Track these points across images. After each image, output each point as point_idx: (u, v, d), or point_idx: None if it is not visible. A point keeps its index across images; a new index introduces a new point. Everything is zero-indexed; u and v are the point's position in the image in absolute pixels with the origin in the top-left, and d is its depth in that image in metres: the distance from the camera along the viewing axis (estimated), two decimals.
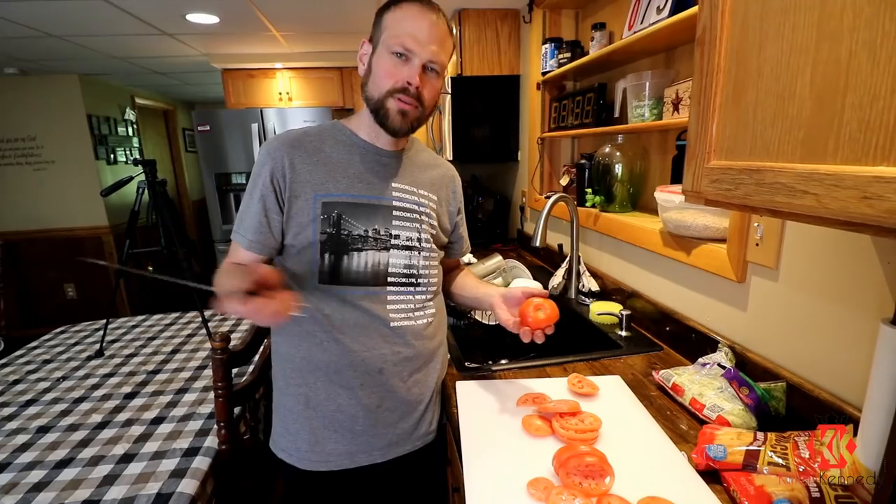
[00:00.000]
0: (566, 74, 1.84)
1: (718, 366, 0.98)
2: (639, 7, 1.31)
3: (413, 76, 0.86)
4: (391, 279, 0.94)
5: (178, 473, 1.34)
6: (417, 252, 0.97)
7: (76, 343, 2.37)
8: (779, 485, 0.67)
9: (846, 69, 0.42)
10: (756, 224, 0.96)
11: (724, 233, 1.07)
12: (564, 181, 1.98)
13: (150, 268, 4.45)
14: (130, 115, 4.48)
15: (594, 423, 0.86)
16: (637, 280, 1.46)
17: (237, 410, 1.33)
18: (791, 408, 0.87)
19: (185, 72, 3.96)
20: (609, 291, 1.59)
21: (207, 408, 1.69)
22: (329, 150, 0.93)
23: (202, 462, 1.39)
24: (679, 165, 1.30)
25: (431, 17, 0.86)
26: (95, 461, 1.42)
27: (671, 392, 0.99)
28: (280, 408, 1.00)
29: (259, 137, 3.33)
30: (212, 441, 1.48)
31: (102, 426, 1.61)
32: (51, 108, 3.74)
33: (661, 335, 1.28)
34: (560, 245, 1.95)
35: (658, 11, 1.20)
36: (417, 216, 0.97)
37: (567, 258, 1.67)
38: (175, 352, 2.21)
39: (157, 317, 2.70)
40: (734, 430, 0.80)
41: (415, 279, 0.97)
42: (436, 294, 1.05)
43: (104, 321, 2.42)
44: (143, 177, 2.41)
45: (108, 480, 1.33)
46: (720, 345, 1.05)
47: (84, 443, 1.52)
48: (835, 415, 0.79)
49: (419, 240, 0.97)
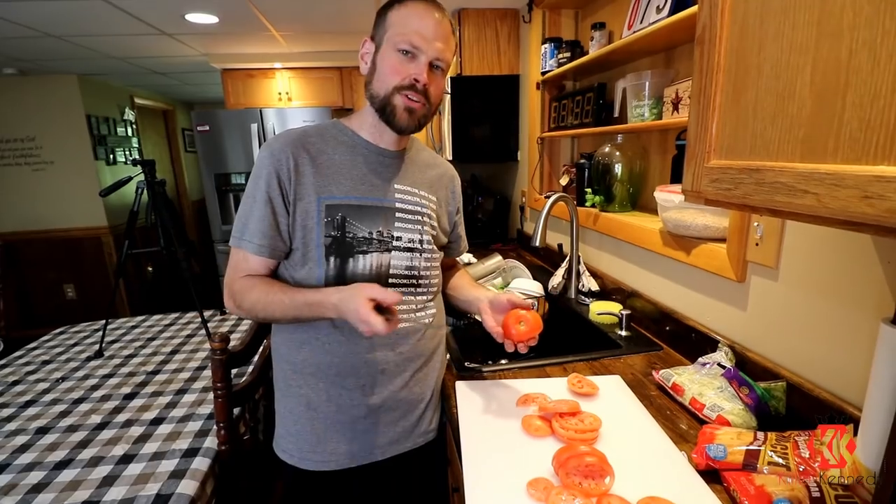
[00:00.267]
0: (566, 74, 1.84)
1: (718, 365, 0.98)
2: (638, 6, 1.31)
3: (420, 73, 0.85)
4: (392, 280, 0.94)
5: (178, 474, 1.34)
6: (419, 253, 0.97)
7: (75, 344, 2.37)
8: (779, 484, 0.67)
9: (846, 68, 0.42)
10: (756, 223, 0.96)
11: (724, 232, 1.07)
12: (564, 181, 1.98)
13: (150, 269, 4.45)
14: (130, 116, 4.47)
15: (594, 423, 0.85)
16: (637, 280, 1.46)
17: (237, 411, 1.33)
18: (791, 407, 0.87)
19: (185, 72, 3.95)
20: (609, 291, 1.59)
21: (207, 408, 1.68)
22: (331, 152, 0.92)
23: (202, 463, 1.39)
24: (679, 165, 1.29)
25: (436, 15, 0.86)
26: (95, 462, 1.42)
27: (671, 392, 0.99)
28: (281, 409, 1.00)
29: (258, 138, 3.32)
30: (211, 442, 1.48)
31: (102, 427, 1.61)
32: (50, 109, 3.73)
33: (661, 335, 1.28)
34: (560, 245, 1.95)
35: (658, 11, 1.20)
36: (419, 217, 0.97)
37: (567, 258, 1.67)
38: (174, 352, 2.21)
39: (157, 317, 2.70)
40: (734, 430, 0.80)
41: (416, 280, 0.97)
42: (436, 294, 1.05)
43: (103, 322, 2.42)
44: (143, 177, 2.40)
45: (108, 481, 1.33)
46: (720, 344, 1.05)
47: (83, 444, 1.51)
48: (835, 414, 0.79)
49: (421, 241, 0.97)
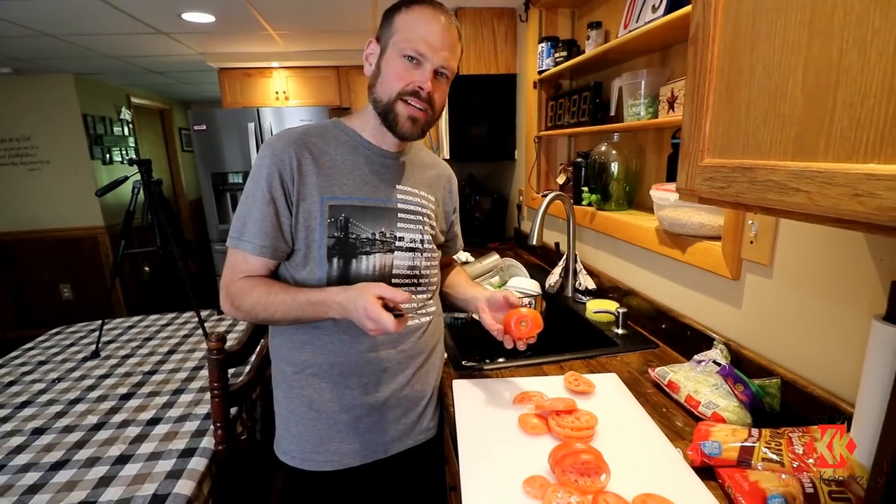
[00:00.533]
0: (562, 73, 1.84)
1: (714, 363, 0.99)
2: (634, 6, 1.32)
3: (425, 81, 0.85)
4: (395, 280, 0.94)
5: (175, 474, 1.34)
6: (420, 253, 0.97)
7: (72, 344, 2.36)
8: (773, 480, 0.67)
9: (837, 67, 0.42)
10: (750, 222, 0.96)
11: (719, 230, 1.07)
12: (561, 180, 1.98)
13: (147, 268, 4.44)
14: (126, 115, 4.46)
15: (590, 421, 0.86)
16: (633, 278, 1.47)
17: (234, 411, 1.33)
18: (785, 404, 0.88)
19: (181, 71, 3.94)
20: (605, 289, 1.60)
21: (204, 408, 1.68)
22: (333, 152, 0.91)
23: (199, 463, 1.39)
24: (674, 163, 1.30)
25: (444, 22, 0.85)
26: (91, 462, 1.41)
27: (667, 389, 0.99)
28: (282, 410, 0.99)
29: (256, 137, 3.32)
30: (208, 442, 1.48)
31: (98, 427, 1.60)
32: (45, 108, 3.72)
33: (657, 333, 1.29)
34: (557, 243, 1.96)
35: (653, 10, 1.21)
36: (420, 217, 0.98)
37: (564, 256, 1.68)
38: (171, 352, 2.21)
39: (154, 317, 2.69)
40: (729, 427, 0.80)
41: (417, 279, 0.98)
42: (435, 292, 1.05)
43: (100, 322, 2.41)
44: (139, 177, 2.40)
45: (104, 482, 1.33)
46: (715, 342, 1.06)
47: (80, 444, 1.51)
48: (830, 412, 0.79)
49: (422, 241, 0.97)
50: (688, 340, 1.16)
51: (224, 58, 3.46)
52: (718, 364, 0.98)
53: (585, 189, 1.67)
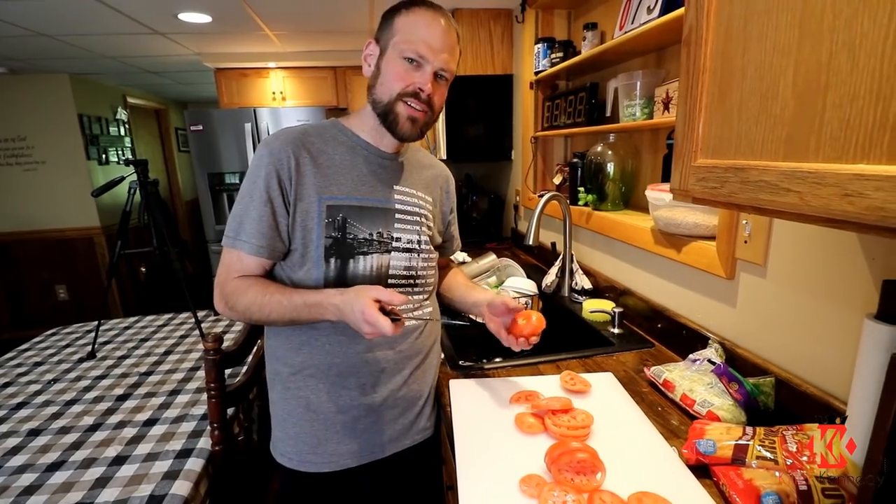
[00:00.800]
0: (559, 74, 1.85)
1: (709, 362, 1.00)
2: (630, 7, 1.32)
3: (425, 83, 0.86)
4: (392, 281, 0.94)
5: (171, 475, 1.33)
6: (417, 254, 0.97)
7: (67, 345, 2.36)
8: (767, 478, 0.68)
9: (827, 69, 0.43)
10: (744, 221, 0.97)
11: (714, 230, 1.08)
12: (557, 180, 1.99)
13: (143, 269, 4.42)
14: (122, 115, 4.44)
15: (586, 420, 0.86)
16: (629, 278, 1.47)
17: (230, 411, 1.33)
18: (779, 402, 0.88)
19: (178, 71, 3.93)
20: (602, 289, 1.60)
21: (200, 409, 1.68)
22: (331, 152, 0.91)
23: (195, 463, 1.39)
24: (670, 164, 1.30)
25: (444, 24, 0.86)
26: (87, 464, 1.41)
27: (662, 388, 1.00)
28: (279, 412, 0.99)
29: (252, 137, 3.31)
30: (205, 442, 1.48)
31: (94, 428, 1.60)
32: (41, 108, 3.70)
33: (653, 332, 1.30)
34: (553, 243, 1.96)
35: (648, 11, 1.21)
36: (418, 218, 0.98)
37: (560, 256, 1.68)
38: (168, 353, 2.20)
39: (150, 318, 2.69)
40: (724, 425, 0.81)
41: (414, 280, 0.98)
42: (431, 292, 1.06)
43: (96, 323, 2.41)
44: (135, 177, 2.39)
45: (101, 483, 1.33)
46: (710, 341, 1.06)
47: (76, 445, 1.51)
48: (823, 410, 0.80)
49: (419, 242, 0.98)
50: (683, 340, 1.17)
51: (221, 58, 3.45)
52: (713, 363, 0.98)
53: (581, 189, 1.68)
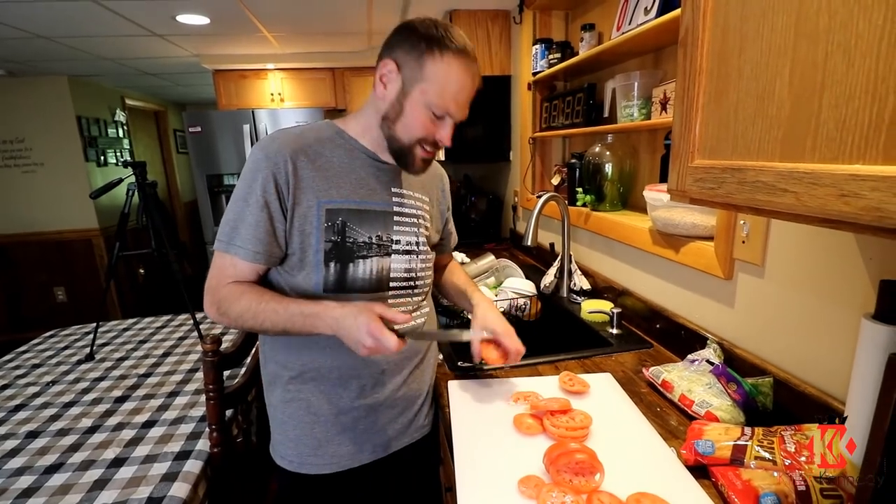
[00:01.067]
0: (556, 75, 1.85)
1: (707, 362, 1.00)
2: (627, 8, 1.33)
3: (447, 137, 0.87)
4: (393, 284, 0.94)
5: (170, 477, 1.33)
6: (416, 256, 0.97)
7: (66, 347, 2.35)
8: (766, 479, 0.68)
9: (822, 70, 0.43)
10: (742, 222, 0.97)
11: (712, 231, 1.08)
12: (556, 181, 1.99)
13: (142, 271, 4.42)
14: (121, 117, 4.44)
15: (584, 421, 0.86)
16: (628, 278, 1.47)
17: (229, 413, 1.33)
18: (778, 403, 0.88)
19: (176, 73, 3.93)
20: (600, 290, 1.60)
21: (199, 411, 1.68)
22: (329, 154, 0.90)
23: (194, 465, 1.39)
24: (668, 164, 1.31)
25: (474, 73, 0.85)
26: (86, 466, 1.41)
27: (661, 389, 1.00)
28: (278, 415, 0.98)
29: (251, 138, 3.31)
30: (203, 444, 1.47)
31: (93, 430, 1.60)
32: (40, 110, 3.70)
33: (651, 332, 1.30)
34: (552, 244, 1.96)
35: (646, 12, 1.22)
36: (416, 220, 0.98)
37: (558, 257, 1.68)
38: (166, 355, 2.20)
39: (149, 320, 2.68)
40: (722, 426, 0.81)
41: (413, 282, 0.98)
42: (428, 293, 1.06)
43: (94, 325, 2.40)
44: (133, 179, 2.39)
45: (99, 485, 1.32)
46: (709, 341, 1.07)
47: (74, 447, 1.50)
48: (821, 410, 0.80)
49: (417, 244, 0.97)
50: (681, 340, 1.17)
51: (219, 60, 3.45)
52: (712, 363, 0.98)
53: (580, 190, 1.68)
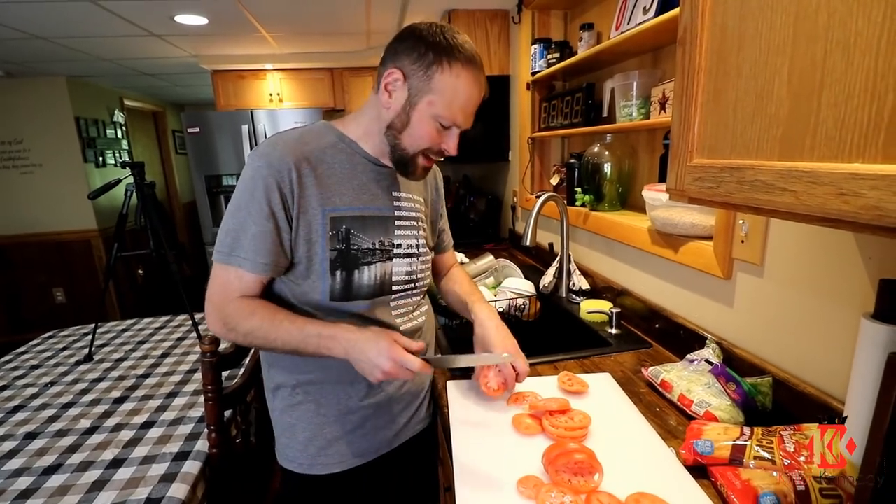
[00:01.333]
0: (555, 74, 1.85)
1: (706, 362, 0.99)
2: (625, 7, 1.32)
3: (453, 147, 0.87)
4: (395, 287, 0.94)
5: (169, 478, 1.33)
6: (416, 258, 0.97)
7: (65, 348, 2.35)
8: (765, 479, 0.68)
9: (822, 68, 0.43)
10: (741, 221, 0.97)
11: (711, 230, 1.08)
12: (554, 180, 1.99)
13: (140, 271, 4.41)
14: (119, 118, 4.44)
15: (583, 421, 0.86)
16: (627, 278, 1.47)
17: (228, 414, 1.33)
18: (777, 402, 0.88)
19: (175, 73, 3.93)
20: (599, 290, 1.60)
21: (198, 411, 1.67)
22: (330, 160, 0.88)
23: (193, 466, 1.38)
24: (666, 164, 1.31)
25: (482, 83, 0.85)
26: (84, 467, 1.41)
27: (660, 389, 1.00)
28: (285, 419, 0.96)
29: (250, 139, 3.31)
30: (202, 445, 1.47)
31: (91, 431, 1.59)
32: (38, 111, 3.69)
33: (651, 332, 1.29)
34: (551, 244, 1.96)
35: (644, 12, 1.22)
36: (415, 223, 0.98)
37: (557, 257, 1.68)
38: (165, 355, 2.20)
39: (147, 320, 2.68)
40: (721, 426, 0.81)
41: (414, 284, 0.98)
42: (426, 292, 1.06)
43: (93, 325, 2.40)
44: (132, 179, 2.39)
45: (97, 486, 1.32)
46: (708, 341, 1.06)
47: (73, 448, 1.50)
48: (820, 410, 0.80)
49: (417, 246, 0.98)
50: (681, 340, 1.17)
51: (217, 60, 3.45)
52: (711, 363, 0.98)
53: (579, 190, 1.68)
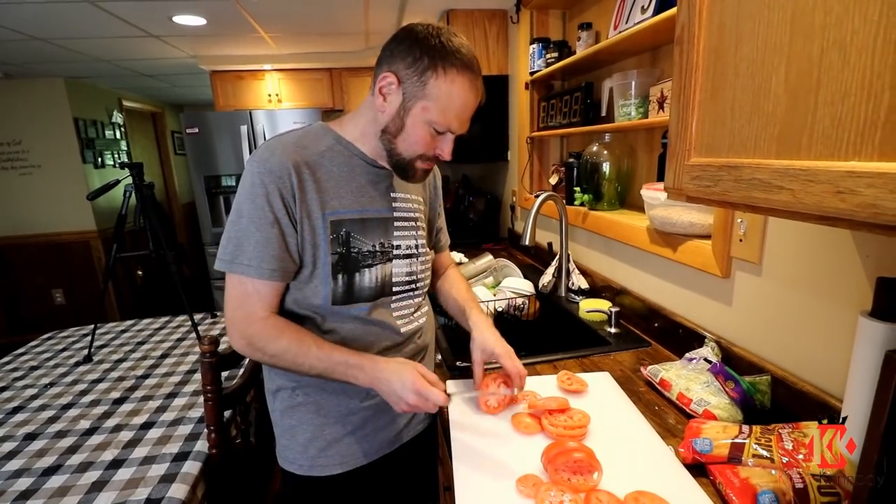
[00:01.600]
0: (554, 74, 1.85)
1: (705, 360, 1.00)
2: (624, 7, 1.33)
3: (448, 152, 0.87)
4: (396, 288, 0.94)
5: (168, 478, 1.33)
6: (416, 258, 0.97)
7: (64, 349, 2.35)
8: (764, 476, 0.68)
9: (818, 67, 0.43)
10: (739, 220, 0.97)
11: (709, 229, 1.08)
12: (553, 180, 1.99)
13: (140, 272, 4.41)
14: (118, 118, 4.43)
15: (583, 420, 0.86)
16: (625, 277, 1.47)
17: (227, 414, 1.32)
18: (776, 401, 0.88)
19: (173, 74, 3.92)
20: (598, 289, 1.60)
21: (197, 412, 1.68)
22: (328, 164, 0.88)
23: (192, 466, 1.38)
24: (665, 163, 1.31)
25: (478, 88, 0.83)
26: (84, 468, 1.41)
27: (659, 387, 1.00)
28: (286, 421, 0.96)
29: (248, 139, 3.30)
30: (202, 445, 1.47)
31: (91, 432, 1.59)
32: (37, 112, 3.69)
33: (649, 331, 1.30)
34: (550, 243, 1.96)
35: (642, 11, 1.22)
36: (413, 223, 0.98)
37: (556, 256, 1.68)
38: (165, 356, 2.20)
39: (147, 321, 2.68)
40: (720, 424, 0.81)
41: (414, 284, 0.98)
42: (426, 292, 1.06)
43: (92, 326, 2.40)
44: (131, 180, 2.39)
45: (97, 487, 1.32)
46: (706, 340, 1.06)
47: (72, 449, 1.50)
48: (819, 408, 0.80)
49: (417, 247, 0.97)
50: (679, 339, 1.17)
51: (216, 60, 3.45)
52: (709, 362, 0.98)
53: (577, 189, 1.68)
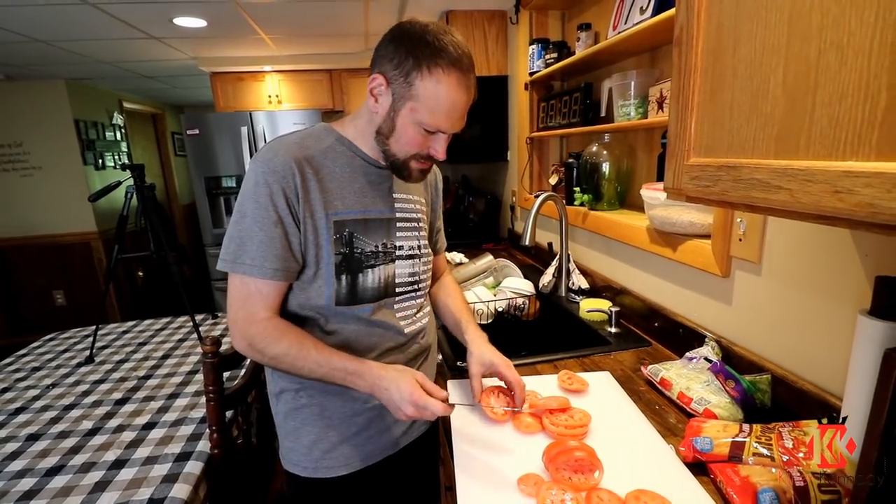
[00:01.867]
0: (553, 74, 1.86)
1: (705, 360, 1.00)
2: (623, 7, 1.33)
3: (441, 151, 0.85)
4: (399, 289, 0.94)
5: (171, 478, 1.33)
6: (418, 259, 0.97)
7: (66, 350, 2.35)
8: (764, 475, 0.68)
9: (816, 68, 0.43)
10: (739, 220, 0.98)
11: (709, 229, 1.09)
12: (553, 180, 1.99)
13: (141, 273, 4.41)
14: (118, 120, 4.44)
15: (583, 419, 0.87)
16: (626, 277, 1.48)
17: (229, 414, 1.33)
18: (776, 399, 0.89)
19: (174, 75, 3.93)
20: (598, 289, 1.61)
21: (199, 412, 1.68)
22: (331, 164, 0.88)
23: (194, 467, 1.39)
24: (664, 163, 1.31)
25: (468, 86, 0.80)
26: (87, 468, 1.41)
27: (659, 387, 1.00)
28: (290, 423, 0.96)
29: (249, 140, 3.31)
30: (204, 445, 1.48)
31: (93, 433, 1.60)
32: (37, 114, 3.70)
33: (650, 331, 1.30)
34: (550, 244, 1.97)
35: (641, 12, 1.22)
36: (416, 224, 0.98)
37: (557, 256, 1.69)
38: (166, 357, 2.20)
39: (148, 322, 2.68)
40: (720, 423, 0.81)
41: (416, 285, 0.98)
42: (428, 293, 1.06)
43: (94, 327, 2.40)
44: (132, 181, 2.39)
45: (100, 487, 1.32)
46: (707, 339, 1.07)
47: (75, 450, 1.50)
48: (819, 406, 0.81)
49: (419, 247, 0.98)
50: (680, 338, 1.17)
51: (216, 62, 3.46)
52: (710, 361, 0.99)
53: (577, 189, 1.68)
